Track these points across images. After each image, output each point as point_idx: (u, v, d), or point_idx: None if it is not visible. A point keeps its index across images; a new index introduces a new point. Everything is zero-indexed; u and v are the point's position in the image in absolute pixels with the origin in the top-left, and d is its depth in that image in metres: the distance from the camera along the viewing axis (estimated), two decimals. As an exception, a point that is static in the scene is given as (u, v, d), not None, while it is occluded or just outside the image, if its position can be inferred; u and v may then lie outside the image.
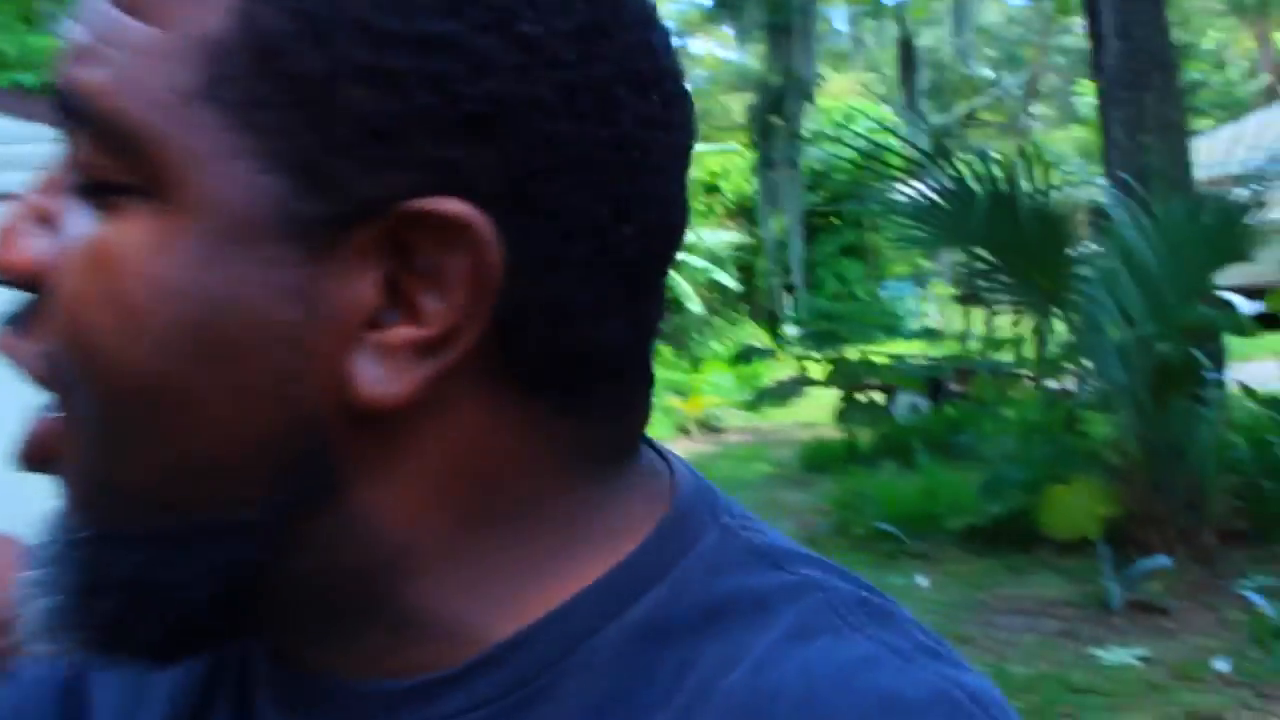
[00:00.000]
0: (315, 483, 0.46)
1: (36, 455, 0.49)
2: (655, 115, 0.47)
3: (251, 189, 0.43)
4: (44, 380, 0.47)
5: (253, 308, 0.44)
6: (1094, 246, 6.11)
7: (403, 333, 0.45)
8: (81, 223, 0.45)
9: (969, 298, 9.65)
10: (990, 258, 6.20)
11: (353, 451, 0.46)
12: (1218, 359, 6.19)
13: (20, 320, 0.47)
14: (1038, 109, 29.05)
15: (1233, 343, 6.84)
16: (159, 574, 0.47)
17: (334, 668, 0.50)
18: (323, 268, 0.44)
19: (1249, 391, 6.72)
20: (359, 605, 0.49)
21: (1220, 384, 5.96)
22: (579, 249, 0.46)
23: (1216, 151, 5.77)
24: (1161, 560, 5.30)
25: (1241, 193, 5.64)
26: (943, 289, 20.37)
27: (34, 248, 0.47)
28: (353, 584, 0.48)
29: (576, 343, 0.47)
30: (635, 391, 0.52)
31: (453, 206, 0.43)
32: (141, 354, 0.44)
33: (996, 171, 5.79)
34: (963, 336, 10.22)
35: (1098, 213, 6.18)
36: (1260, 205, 5.59)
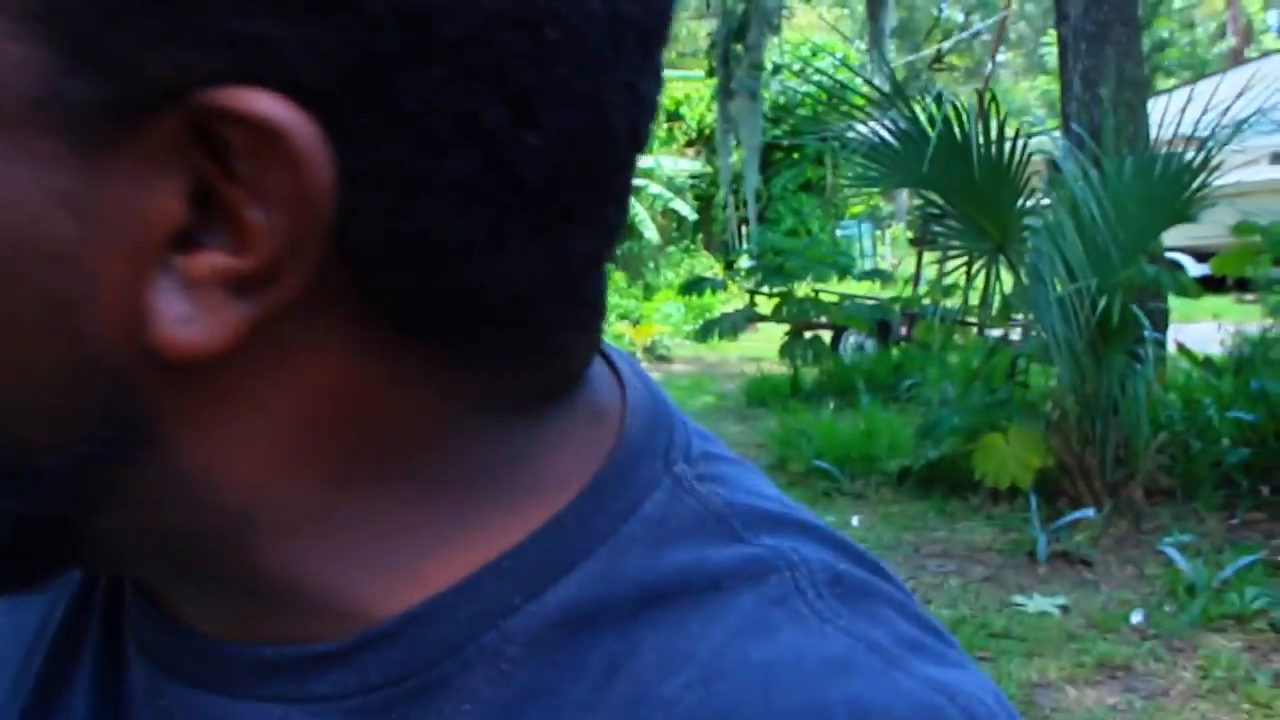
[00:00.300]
0: (124, 435, 0.38)
1: None
2: None
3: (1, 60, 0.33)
4: None
5: (11, 214, 0.34)
6: (1046, 199, 6.13)
7: (211, 261, 0.35)
8: None
9: (922, 242, 9.68)
10: (941, 202, 6.20)
11: (169, 401, 0.38)
12: (1160, 318, 6.25)
13: None
14: (1006, 57, 28.99)
15: (1175, 303, 6.91)
16: None
17: (202, 624, 0.43)
18: (104, 168, 0.34)
19: (1185, 352, 6.80)
20: (199, 568, 0.41)
21: (1158, 342, 6.02)
22: (457, 165, 0.35)
23: (1177, 111, 5.78)
24: (1088, 513, 5.38)
25: (1191, 154, 5.66)
26: (899, 233, 20.43)
27: None
28: (186, 547, 0.41)
29: (459, 284, 0.37)
30: (565, 334, 0.41)
31: (260, 104, 0.33)
32: None
33: (950, 115, 5.77)
34: (913, 280, 10.27)
35: (1053, 165, 6.19)
36: (1211, 168, 5.62)
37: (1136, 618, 4.49)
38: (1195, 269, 7.32)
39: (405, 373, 0.39)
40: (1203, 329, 8.09)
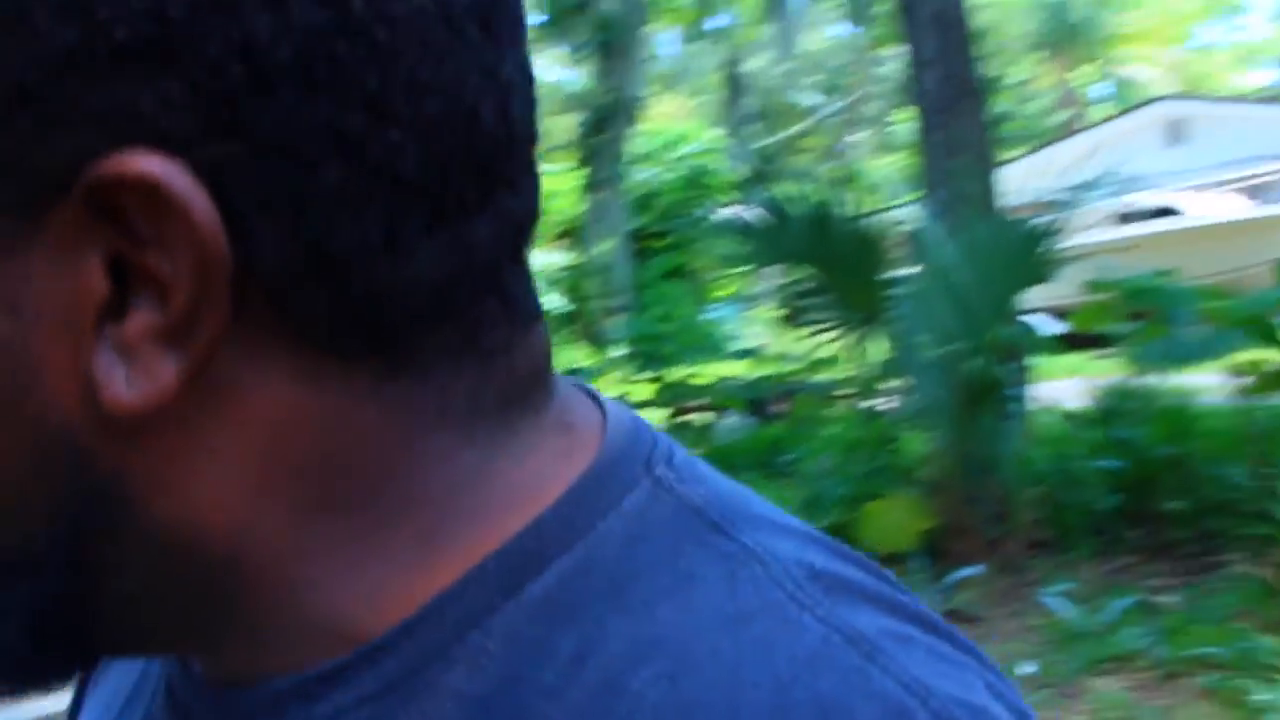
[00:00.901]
0: (98, 504, 0.40)
1: None
2: None
3: None
4: None
5: None
6: (911, 268, 6.32)
7: (140, 321, 0.38)
8: None
9: (792, 319, 9.87)
10: (808, 277, 6.36)
11: (131, 463, 0.40)
12: (1023, 376, 6.46)
13: None
14: (858, 136, 29.85)
15: (1041, 362, 7.14)
16: None
17: (219, 674, 0.45)
18: (24, 263, 0.37)
19: (1051, 408, 7.02)
20: (203, 618, 0.43)
21: (1023, 400, 6.21)
22: (330, 174, 0.37)
23: (1023, 179, 6.05)
24: (973, 570, 5.49)
25: (1043, 218, 5.90)
26: (766, 312, 20.77)
27: None
28: (186, 599, 0.42)
29: (372, 288, 0.39)
30: (500, 332, 0.42)
31: (136, 164, 0.36)
32: None
33: (809, 194, 5.95)
34: (783, 357, 10.45)
35: (914, 236, 6.40)
36: (1060, 230, 5.87)
37: (1027, 668, 4.58)
38: (1055, 327, 7.58)
39: (349, 395, 0.40)
40: (1067, 385, 8.35)
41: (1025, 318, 6.56)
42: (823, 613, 0.40)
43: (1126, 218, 13.56)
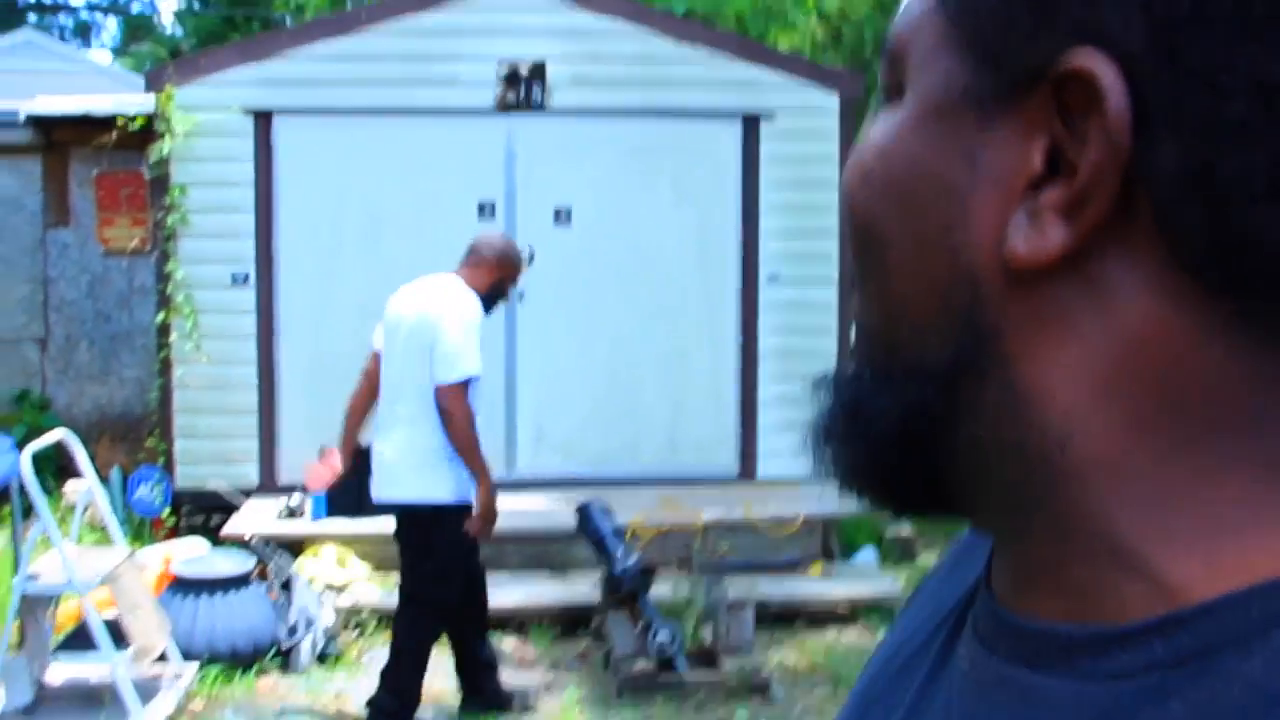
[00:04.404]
0: (977, 344, 0.49)
1: None
2: None
3: (945, 75, 0.49)
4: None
5: (938, 167, 0.49)
6: None
7: (1052, 194, 0.46)
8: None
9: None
10: None
11: (1010, 316, 0.48)
12: None
13: None
14: None
15: None
16: (868, 402, 0.53)
17: (1011, 598, 0.51)
18: (992, 135, 0.48)
19: None
20: (1019, 491, 0.49)
21: None
22: (1236, 109, 0.42)
23: None
24: None
25: None
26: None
27: None
28: (1013, 462, 0.49)
29: (1245, 227, 0.43)
30: None
31: (1088, 61, 0.44)
32: (868, 203, 0.52)
33: None
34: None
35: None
36: None
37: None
38: None
39: (1201, 326, 0.45)
40: None
41: None
42: None
43: None
